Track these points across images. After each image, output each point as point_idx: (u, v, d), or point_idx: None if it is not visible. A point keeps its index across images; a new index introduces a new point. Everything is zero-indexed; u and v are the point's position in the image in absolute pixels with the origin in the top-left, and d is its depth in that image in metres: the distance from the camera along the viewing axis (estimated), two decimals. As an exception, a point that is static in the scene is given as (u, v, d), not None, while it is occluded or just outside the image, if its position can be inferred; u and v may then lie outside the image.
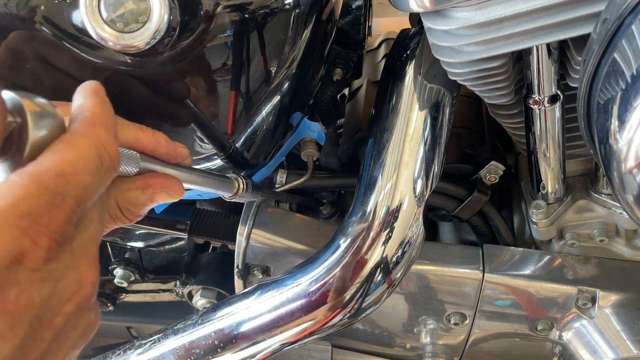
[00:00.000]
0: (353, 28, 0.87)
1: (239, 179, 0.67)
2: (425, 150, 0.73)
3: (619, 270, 0.87)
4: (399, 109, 0.76)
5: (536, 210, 0.86)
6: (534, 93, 0.70)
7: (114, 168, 0.39)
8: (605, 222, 0.87)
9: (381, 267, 0.71)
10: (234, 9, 0.55)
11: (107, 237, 0.97)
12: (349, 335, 0.98)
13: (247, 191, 0.68)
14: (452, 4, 0.59)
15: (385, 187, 0.72)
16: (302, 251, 0.85)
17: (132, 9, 0.48)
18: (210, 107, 0.61)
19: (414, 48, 0.80)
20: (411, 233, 0.72)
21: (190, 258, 1.10)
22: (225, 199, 0.68)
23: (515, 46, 0.61)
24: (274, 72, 0.63)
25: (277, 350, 0.74)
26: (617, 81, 0.47)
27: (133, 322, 1.24)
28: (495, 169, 0.89)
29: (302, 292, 0.71)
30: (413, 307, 0.91)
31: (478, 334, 0.91)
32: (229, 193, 0.66)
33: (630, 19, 0.46)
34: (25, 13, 0.50)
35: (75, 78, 0.54)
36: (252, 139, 0.68)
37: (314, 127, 0.80)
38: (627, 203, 0.52)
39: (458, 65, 0.66)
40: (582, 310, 0.86)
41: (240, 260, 0.86)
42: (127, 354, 0.77)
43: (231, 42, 0.56)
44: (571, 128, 0.78)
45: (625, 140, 0.47)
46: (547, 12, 0.57)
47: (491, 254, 0.88)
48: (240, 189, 0.67)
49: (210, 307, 0.77)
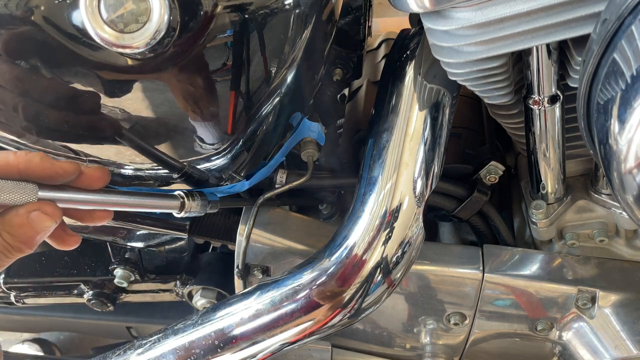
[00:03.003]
0: (353, 28, 0.87)
1: (185, 195, 0.67)
2: (425, 150, 0.73)
3: (618, 270, 0.87)
4: (399, 109, 0.76)
5: (536, 211, 0.86)
6: (534, 93, 0.70)
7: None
8: (605, 222, 0.87)
9: (381, 267, 0.71)
10: (234, 9, 0.55)
11: (107, 238, 0.97)
12: (349, 335, 0.98)
13: (196, 206, 0.68)
14: (452, 5, 0.59)
15: (385, 187, 0.72)
16: (302, 251, 0.85)
17: (132, 10, 0.48)
18: (210, 107, 0.61)
19: (414, 48, 0.80)
20: (411, 233, 0.72)
21: (190, 258, 1.10)
22: (175, 215, 0.68)
23: (515, 46, 0.61)
24: (274, 72, 0.63)
25: (277, 351, 0.74)
26: (617, 81, 0.47)
27: (133, 322, 1.24)
28: (495, 169, 0.89)
29: (302, 292, 0.71)
30: (413, 307, 0.91)
31: (478, 334, 0.91)
32: (175, 210, 0.66)
33: (630, 19, 0.46)
34: (25, 13, 0.50)
35: (75, 78, 0.54)
36: (252, 139, 0.68)
37: (314, 127, 0.80)
38: (627, 203, 0.52)
39: (458, 66, 0.66)
40: (582, 310, 0.86)
41: (240, 260, 0.86)
42: (127, 354, 0.77)
43: (231, 42, 0.56)
44: (571, 128, 0.78)
45: (625, 140, 0.47)
46: (547, 12, 0.57)
47: (491, 254, 0.88)
48: (186, 205, 0.67)
49: (210, 307, 0.77)
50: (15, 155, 0.48)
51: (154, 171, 0.67)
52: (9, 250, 0.49)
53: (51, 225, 0.50)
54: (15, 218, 0.48)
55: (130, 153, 0.63)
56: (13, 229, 0.48)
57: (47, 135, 0.59)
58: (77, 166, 0.51)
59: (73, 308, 1.22)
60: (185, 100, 0.58)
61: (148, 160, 0.64)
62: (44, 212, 0.49)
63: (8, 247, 0.49)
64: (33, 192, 0.48)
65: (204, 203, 0.70)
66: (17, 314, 1.26)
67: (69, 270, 1.08)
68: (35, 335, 1.56)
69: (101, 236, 0.96)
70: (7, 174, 0.47)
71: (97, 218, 0.56)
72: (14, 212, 0.48)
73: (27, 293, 1.11)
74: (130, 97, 0.56)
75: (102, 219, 0.56)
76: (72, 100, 0.55)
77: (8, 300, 1.13)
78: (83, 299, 1.10)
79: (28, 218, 0.48)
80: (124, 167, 0.65)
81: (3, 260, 0.49)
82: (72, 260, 1.09)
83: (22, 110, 0.56)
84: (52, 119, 0.57)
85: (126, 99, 0.57)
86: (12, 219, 0.48)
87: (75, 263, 1.08)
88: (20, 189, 0.47)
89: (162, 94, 0.57)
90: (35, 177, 0.49)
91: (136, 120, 0.59)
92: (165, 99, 0.58)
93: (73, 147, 0.61)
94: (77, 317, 1.24)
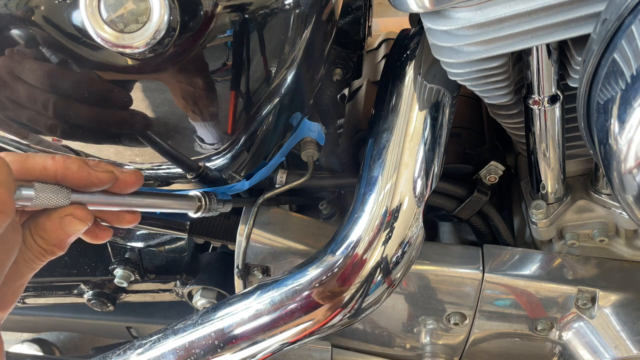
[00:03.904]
0: (353, 28, 0.87)
1: (202, 195, 0.68)
2: (425, 150, 0.73)
3: (618, 270, 0.87)
4: (399, 109, 0.76)
5: (536, 211, 0.86)
6: (534, 93, 0.70)
7: (4, 213, 0.41)
8: (605, 222, 0.87)
9: (381, 267, 0.71)
10: (234, 9, 0.55)
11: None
12: (349, 335, 0.98)
13: (212, 206, 0.70)
14: (452, 5, 0.59)
15: (385, 187, 0.72)
16: (302, 251, 0.85)
17: (132, 10, 0.48)
18: (210, 107, 0.61)
19: (414, 48, 0.80)
20: (411, 233, 0.72)
21: (190, 258, 1.10)
22: (191, 215, 0.69)
23: (515, 46, 0.61)
24: (274, 72, 0.63)
25: (277, 350, 0.74)
26: (617, 81, 0.47)
27: (133, 322, 1.24)
28: (495, 169, 0.90)
29: (302, 292, 0.71)
30: (413, 307, 0.91)
31: (478, 334, 0.91)
32: (192, 210, 0.67)
33: (630, 19, 0.46)
34: (25, 13, 0.50)
35: (74, 78, 0.54)
36: (252, 139, 0.68)
37: (314, 127, 0.80)
38: (627, 203, 0.52)
39: (458, 66, 0.66)
40: (582, 310, 0.86)
41: (240, 260, 0.86)
42: (127, 354, 0.77)
43: (231, 42, 0.56)
44: (571, 128, 0.78)
45: (625, 140, 0.47)
46: (547, 12, 0.57)
47: (491, 254, 0.88)
48: (203, 206, 0.68)
49: (210, 307, 0.77)
50: (53, 160, 0.48)
51: (153, 171, 0.67)
52: (42, 254, 0.49)
53: (82, 228, 0.50)
54: (47, 222, 0.49)
55: (130, 153, 0.63)
56: (46, 234, 0.49)
57: (46, 135, 0.59)
58: (113, 175, 0.51)
59: (73, 308, 1.22)
60: (185, 100, 0.58)
61: (148, 160, 0.64)
62: (77, 217, 0.49)
63: (41, 250, 0.49)
64: (66, 196, 0.48)
65: (219, 203, 0.72)
66: (17, 314, 1.26)
67: (69, 270, 1.08)
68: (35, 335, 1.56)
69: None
70: (44, 178, 0.47)
71: (125, 221, 0.56)
72: (46, 216, 0.49)
73: (27, 293, 1.11)
74: (129, 97, 0.56)
75: (130, 221, 0.56)
76: (71, 100, 0.55)
77: (8, 300, 1.13)
78: (83, 299, 1.10)
79: (60, 222, 0.49)
80: (124, 167, 0.65)
81: (37, 262, 0.50)
82: (72, 260, 1.09)
83: (22, 110, 0.56)
84: (51, 119, 0.57)
85: (126, 99, 0.57)
86: (45, 224, 0.49)
87: (75, 263, 1.08)
88: (55, 193, 0.47)
89: (162, 94, 0.57)
90: (71, 184, 0.49)
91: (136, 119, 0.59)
92: (165, 99, 0.58)
93: (73, 147, 0.61)
94: (77, 317, 1.24)
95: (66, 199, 0.48)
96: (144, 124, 0.59)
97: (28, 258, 0.49)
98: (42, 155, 0.48)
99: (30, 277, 0.50)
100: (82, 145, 0.61)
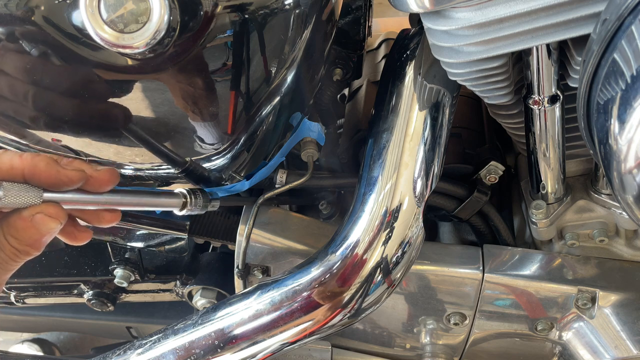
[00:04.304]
0: (353, 28, 0.87)
1: (187, 192, 0.68)
2: (425, 150, 0.73)
3: (618, 270, 0.87)
4: (399, 109, 0.76)
5: (536, 211, 0.86)
6: (534, 93, 0.70)
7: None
8: (605, 222, 0.87)
9: (381, 267, 0.71)
10: (234, 9, 0.55)
11: (106, 237, 0.97)
12: (349, 335, 0.98)
13: (198, 203, 0.69)
14: (452, 5, 0.59)
15: (385, 187, 0.72)
16: (302, 251, 0.85)
17: (132, 10, 0.48)
18: (210, 108, 0.61)
19: (414, 48, 0.80)
20: (411, 233, 0.72)
21: (190, 258, 1.10)
22: (176, 213, 0.68)
23: (515, 46, 0.61)
24: (274, 72, 0.63)
25: (277, 350, 0.74)
26: (617, 81, 0.47)
27: (133, 322, 1.24)
28: (495, 169, 0.90)
29: (302, 292, 0.71)
30: (413, 307, 0.91)
31: (478, 334, 0.92)
32: (177, 208, 0.67)
33: (630, 19, 0.46)
34: (25, 13, 0.50)
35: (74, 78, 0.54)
36: (252, 139, 0.68)
37: (314, 127, 0.80)
38: (627, 203, 0.52)
39: (458, 66, 0.66)
40: (582, 310, 0.86)
41: (240, 260, 0.86)
42: (127, 354, 0.77)
43: (231, 42, 0.56)
44: (571, 128, 0.78)
45: (625, 140, 0.47)
46: (547, 12, 0.57)
47: (491, 254, 0.88)
48: (188, 202, 0.67)
49: (210, 307, 0.77)
50: (20, 158, 0.47)
51: (153, 171, 0.67)
52: (16, 254, 0.48)
53: (56, 227, 0.49)
54: (18, 221, 0.48)
55: (130, 153, 0.63)
56: (18, 233, 0.48)
57: (46, 134, 0.59)
58: (83, 174, 0.50)
59: (73, 308, 1.22)
60: (185, 100, 0.58)
61: (148, 160, 0.64)
62: (48, 214, 0.48)
63: (15, 251, 0.48)
64: (37, 194, 0.47)
65: (206, 200, 0.71)
66: (17, 314, 1.26)
67: (69, 270, 1.08)
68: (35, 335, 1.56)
69: (101, 236, 0.96)
70: (12, 177, 0.47)
71: (104, 220, 0.55)
72: (17, 215, 0.48)
73: (27, 293, 1.11)
74: (130, 97, 0.56)
75: (110, 220, 0.55)
76: (71, 100, 0.55)
77: (8, 300, 1.13)
78: (83, 299, 1.10)
79: (32, 221, 0.48)
80: (124, 167, 0.65)
81: (11, 264, 0.49)
82: (72, 260, 1.09)
83: (22, 110, 0.56)
84: (51, 119, 0.57)
85: (126, 99, 0.57)
86: (16, 223, 0.48)
87: (75, 263, 1.08)
88: (24, 192, 0.47)
89: (162, 94, 0.57)
90: (40, 183, 0.48)
91: (136, 120, 0.59)
92: (165, 99, 0.58)
93: (73, 147, 0.61)
94: (77, 317, 1.24)
95: (37, 198, 0.47)
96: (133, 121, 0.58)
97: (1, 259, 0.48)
98: (9, 154, 0.47)
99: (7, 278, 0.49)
100: (82, 145, 0.61)
